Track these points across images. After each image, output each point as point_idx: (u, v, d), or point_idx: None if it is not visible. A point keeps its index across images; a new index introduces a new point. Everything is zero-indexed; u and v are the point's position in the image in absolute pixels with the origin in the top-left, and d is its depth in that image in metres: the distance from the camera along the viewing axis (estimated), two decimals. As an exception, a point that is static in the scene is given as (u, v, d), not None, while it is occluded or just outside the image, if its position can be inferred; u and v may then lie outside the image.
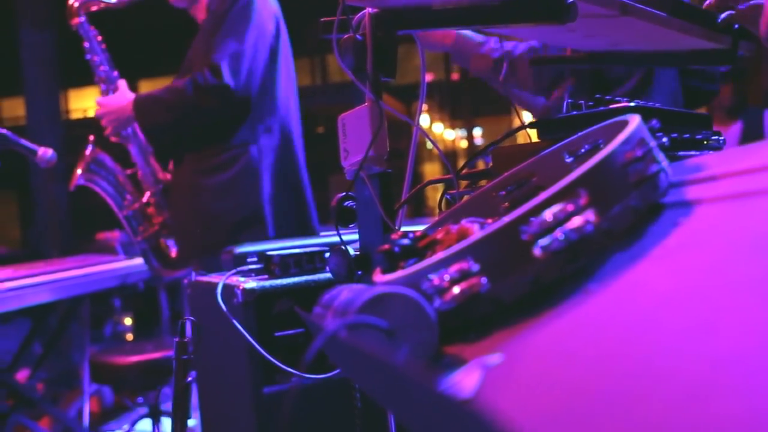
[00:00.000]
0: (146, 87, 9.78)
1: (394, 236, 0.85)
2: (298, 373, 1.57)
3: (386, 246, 0.82)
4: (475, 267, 0.66)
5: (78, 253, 3.58)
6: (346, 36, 1.30)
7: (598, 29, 1.45)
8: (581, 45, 1.64)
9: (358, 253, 1.35)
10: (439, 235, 0.83)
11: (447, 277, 0.67)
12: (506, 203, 0.99)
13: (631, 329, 0.50)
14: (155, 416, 2.83)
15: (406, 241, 0.81)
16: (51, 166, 2.30)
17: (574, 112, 1.08)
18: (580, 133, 0.93)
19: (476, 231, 0.76)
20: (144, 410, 3.03)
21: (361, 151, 1.26)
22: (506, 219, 0.65)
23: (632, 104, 1.01)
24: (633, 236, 0.67)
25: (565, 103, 1.30)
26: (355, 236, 1.38)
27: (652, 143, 0.73)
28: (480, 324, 0.67)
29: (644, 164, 0.71)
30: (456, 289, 0.66)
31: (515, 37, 1.91)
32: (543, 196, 0.66)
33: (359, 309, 0.60)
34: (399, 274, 0.71)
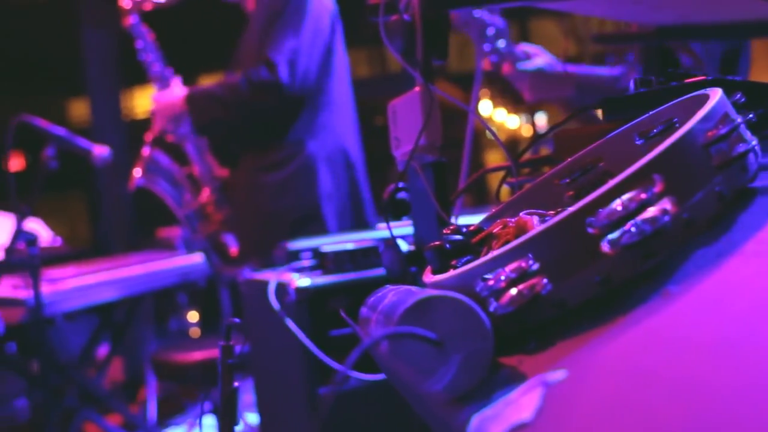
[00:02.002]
0: (207, 82, 9.90)
1: (446, 231, 0.78)
2: (354, 373, 1.51)
3: (437, 242, 0.75)
4: (535, 265, 0.58)
5: (140, 249, 3.63)
6: (393, 17, 1.23)
7: (666, 0, 1.33)
8: (649, 18, 1.53)
9: (411, 247, 1.28)
10: (496, 230, 0.75)
11: (503, 278, 0.59)
12: (570, 192, 0.90)
13: (724, 341, 0.42)
14: (218, 411, 2.83)
15: (458, 237, 0.73)
16: (107, 164, 2.30)
17: (644, 89, 0.98)
18: (651, 112, 0.83)
19: (536, 224, 0.68)
20: (208, 406, 3.03)
21: (413, 139, 1.19)
22: (570, 210, 0.57)
23: (710, 78, 0.90)
24: (719, 228, 0.58)
25: (632, 81, 1.20)
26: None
27: (739, 119, 0.64)
28: (541, 331, 0.59)
29: (729, 144, 0.61)
30: (513, 291, 0.58)
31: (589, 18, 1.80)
32: (611, 183, 0.57)
33: (402, 316, 0.53)
34: (450, 274, 0.64)
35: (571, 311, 0.58)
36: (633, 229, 0.56)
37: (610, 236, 0.56)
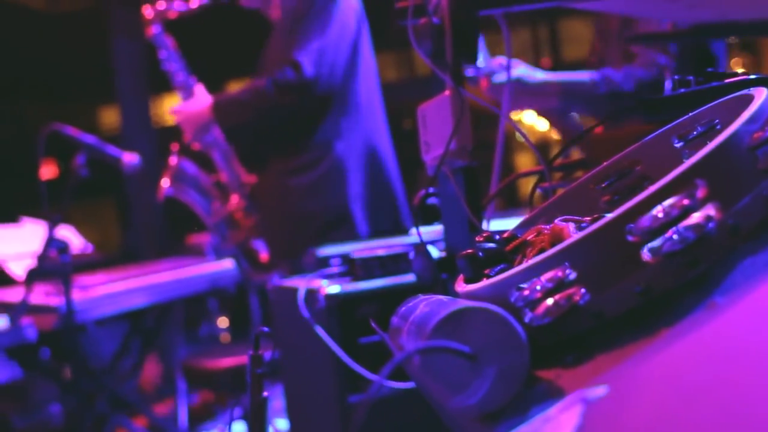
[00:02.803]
0: (235, 88, 9.95)
1: (478, 239, 0.76)
2: (384, 381, 1.49)
3: (469, 251, 0.73)
4: (572, 275, 0.56)
5: (170, 256, 3.64)
6: (422, 21, 1.22)
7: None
8: (684, 16, 1.49)
9: (442, 254, 1.26)
10: (530, 237, 0.73)
11: (539, 287, 0.57)
12: (606, 197, 0.87)
13: (779, 357, 0.39)
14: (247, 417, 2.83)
15: (491, 245, 0.71)
16: (136, 171, 2.31)
17: (682, 90, 0.95)
18: (691, 113, 0.80)
19: (572, 232, 0.65)
20: (239, 412, 3.04)
21: (443, 143, 1.17)
22: (609, 217, 0.55)
23: (754, 77, 0.87)
24: (767, 235, 0.55)
25: (668, 81, 1.16)
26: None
27: (787, 120, 0.61)
28: (578, 343, 0.56)
29: (777, 146, 0.58)
30: (550, 301, 0.56)
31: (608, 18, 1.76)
32: (652, 189, 0.55)
33: (434, 329, 0.51)
34: (483, 283, 0.62)
35: (610, 322, 0.55)
36: (675, 237, 0.53)
37: (651, 244, 0.53)
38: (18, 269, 2.69)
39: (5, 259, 2.71)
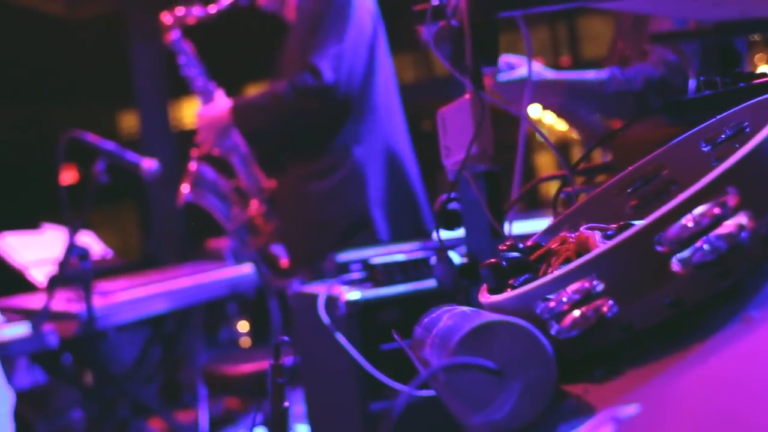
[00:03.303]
0: (253, 91, 9.98)
1: (502, 248, 0.74)
2: (405, 388, 1.47)
3: (492, 260, 0.71)
4: (600, 286, 0.54)
5: (190, 260, 3.65)
6: (441, 23, 1.20)
7: (726, -4, 1.27)
8: (707, 15, 1.46)
9: (464, 260, 1.24)
10: (554, 245, 0.71)
11: (566, 299, 0.55)
12: (632, 202, 0.85)
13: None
14: (268, 422, 2.83)
15: (515, 254, 0.70)
16: (156, 177, 2.32)
17: (708, 92, 0.93)
18: (719, 116, 0.78)
19: (598, 241, 0.63)
20: (260, 418, 3.04)
21: (464, 147, 1.15)
22: (637, 227, 0.53)
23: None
24: (803, 243, 0.53)
25: (692, 82, 1.14)
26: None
27: (822, 124, 0.59)
28: (606, 356, 0.55)
29: (812, 151, 0.56)
30: (577, 313, 0.54)
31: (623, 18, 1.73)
32: (681, 197, 0.53)
33: (458, 344, 0.50)
34: (508, 295, 0.61)
35: (639, 335, 0.54)
36: (706, 247, 0.51)
37: (681, 255, 0.52)
38: (39, 276, 2.71)
39: (27, 266, 2.73)
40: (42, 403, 3.02)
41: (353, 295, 1.56)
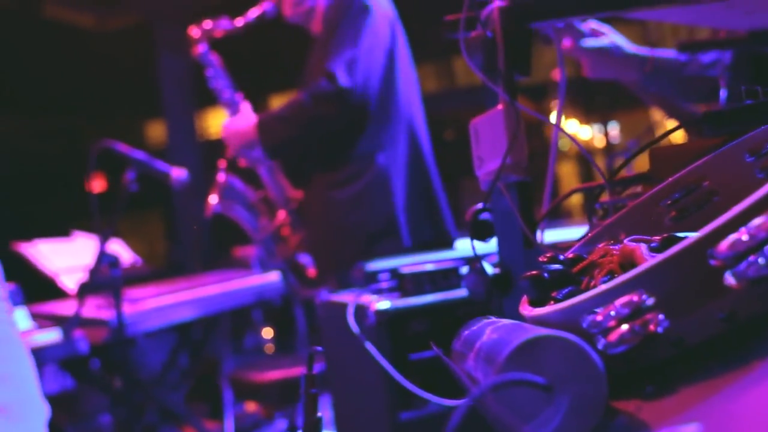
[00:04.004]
0: (277, 102, 10.05)
1: (542, 259, 0.73)
2: (435, 398, 1.47)
3: (534, 272, 0.71)
4: (649, 300, 0.53)
5: (218, 269, 3.67)
6: (473, 34, 1.20)
7: (759, 3, 1.26)
8: (740, 24, 1.45)
9: (496, 270, 1.23)
10: (596, 257, 0.71)
11: (614, 313, 0.54)
12: (672, 213, 0.84)
13: None
14: (294, 430, 2.84)
15: (557, 267, 0.69)
16: (184, 187, 2.34)
17: (749, 101, 0.92)
18: (763, 127, 0.77)
19: (644, 253, 0.63)
20: (284, 423, 3.04)
21: (496, 158, 1.14)
22: (689, 240, 0.52)
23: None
24: None
25: (724, 93, 1.12)
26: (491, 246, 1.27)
27: None
28: (657, 372, 0.54)
29: None
30: (625, 328, 0.53)
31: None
32: (736, 210, 0.52)
33: (507, 360, 0.49)
34: (553, 308, 0.60)
35: (692, 351, 0.53)
36: (761, 261, 0.50)
37: (735, 269, 0.51)
38: (70, 282, 2.74)
39: (57, 273, 2.76)
40: (71, 407, 3.05)
41: (383, 304, 1.55)
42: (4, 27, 6.22)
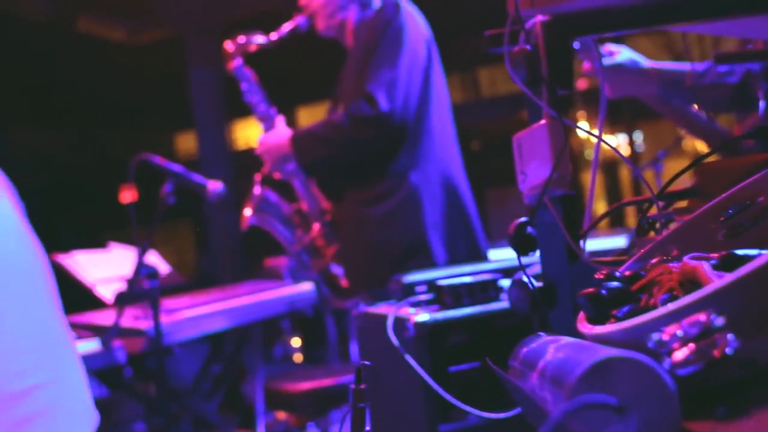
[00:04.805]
0: (305, 114, 10.13)
1: (599, 276, 0.74)
2: (474, 410, 1.47)
3: (591, 289, 0.71)
4: (719, 321, 0.53)
5: (248, 279, 3.70)
6: (516, 48, 1.20)
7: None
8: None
9: (540, 284, 1.23)
10: (655, 275, 0.71)
11: (680, 333, 0.54)
12: (725, 229, 0.84)
13: None
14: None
15: (616, 284, 0.69)
16: (220, 199, 2.36)
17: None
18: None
19: (708, 271, 0.63)
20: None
21: (541, 173, 1.15)
22: (763, 260, 0.52)
23: None
24: None
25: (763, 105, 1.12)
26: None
27: None
28: (726, 393, 0.54)
29: None
30: (694, 348, 0.53)
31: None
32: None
33: (579, 380, 0.49)
34: (617, 327, 0.60)
35: (762, 372, 0.53)
36: (833, 281, 0.50)
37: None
38: (106, 293, 2.78)
39: (94, 283, 2.80)
40: (106, 415, 3.08)
41: (422, 317, 1.56)
42: (38, 41, 6.35)
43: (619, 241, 5.23)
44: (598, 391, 0.50)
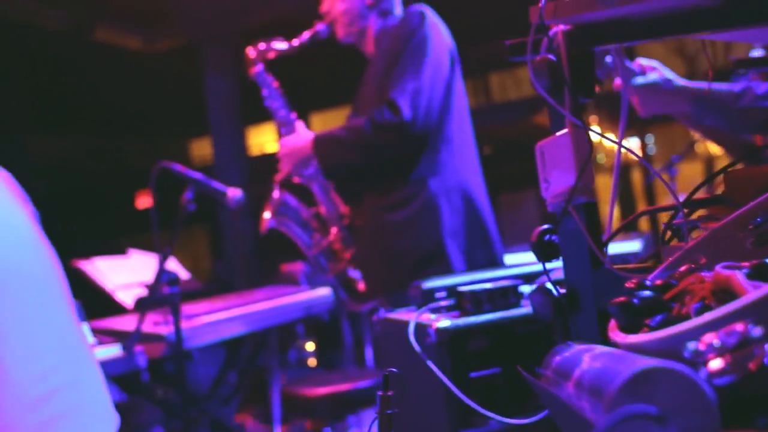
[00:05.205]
0: (317, 120, 10.17)
1: (629, 285, 0.74)
2: (496, 416, 1.48)
3: (623, 298, 0.72)
4: (756, 331, 0.54)
5: (264, 285, 3.72)
6: (539, 57, 1.21)
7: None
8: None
9: (563, 290, 1.24)
10: (687, 284, 0.71)
11: (717, 343, 0.55)
12: (753, 238, 0.85)
13: None
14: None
15: (648, 293, 0.70)
16: (240, 206, 2.38)
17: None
18: None
19: (743, 281, 0.63)
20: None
21: (564, 181, 1.16)
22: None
23: None
24: None
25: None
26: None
27: None
28: (764, 404, 0.55)
29: None
30: (731, 359, 0.54)
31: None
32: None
33: (620, 391, 0.50)
34: (652, 336, 0.61)
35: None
36: None
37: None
38: (126, 298, 2.81)
39: (115, 289, 2.83)
40: (124, 419, 3.10)
41: (443, 323, 1.56)
42: (56, 50, 6.42)
43: (633, 246, 5.22)
44: (638, 401, 0.51)
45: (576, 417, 0.56)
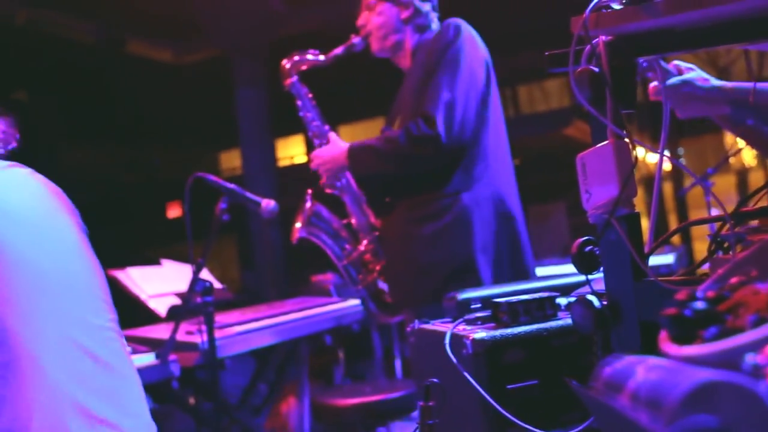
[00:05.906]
0: (345, 132, 10.22)
1: (679, 296, 0.74)
2: (534, 428, 1.47)
3: (674, 309, 0.71)
4: (817, 344, 0.53)
5: (294, 295, 3.74)
6: (580, 68, 1.21)
7: None
8: None
9: (604, 302, 1.23)
10: (741, 296, 0.71)
11: (777, 356, 0.55)
12: (804, 250, 0.83)
13: None
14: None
15: (702, 305, 0.69)
16: (273, 216, 2.40)
17: None
18: None
19: (800, 294, 0.62)
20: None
21: (606, 192, 1.15)
22: None
23: None
24: None
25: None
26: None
27: None
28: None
29: None
30: (791, 371, 0.53)
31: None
32: None
33: (682, 404, 0.50)
34: (710, 348, 0.60)
35: None
36: None
37: None
38: (160, 307, 2.84)
39: (148, 298, 2.86)
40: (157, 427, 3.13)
41: (479, 334, 1.56)
42: (89, 63, 6.54)
43: (667, 259, 5.15)
44: (698, 414, 0.50)
45: (634, 429, 0.56)
